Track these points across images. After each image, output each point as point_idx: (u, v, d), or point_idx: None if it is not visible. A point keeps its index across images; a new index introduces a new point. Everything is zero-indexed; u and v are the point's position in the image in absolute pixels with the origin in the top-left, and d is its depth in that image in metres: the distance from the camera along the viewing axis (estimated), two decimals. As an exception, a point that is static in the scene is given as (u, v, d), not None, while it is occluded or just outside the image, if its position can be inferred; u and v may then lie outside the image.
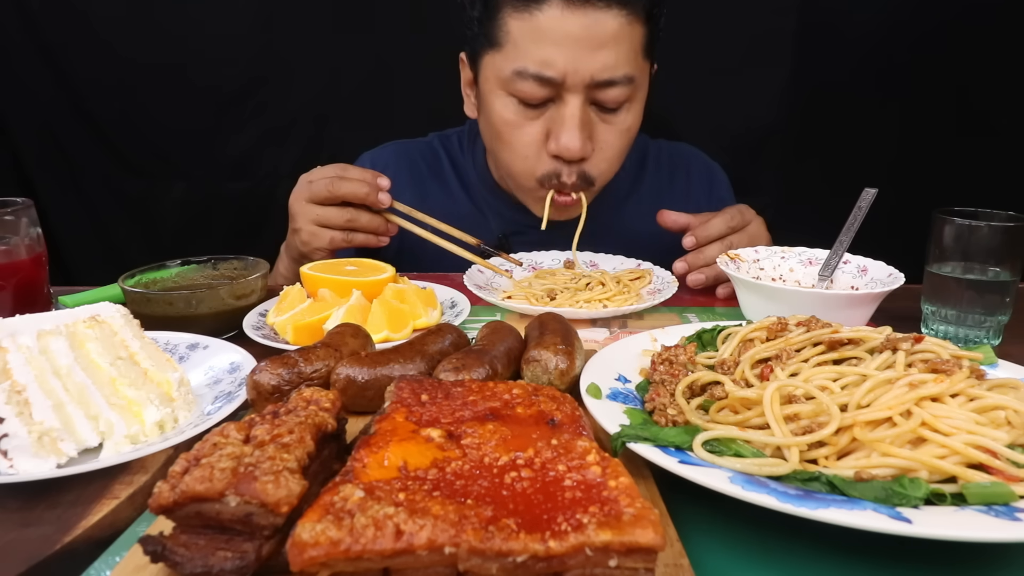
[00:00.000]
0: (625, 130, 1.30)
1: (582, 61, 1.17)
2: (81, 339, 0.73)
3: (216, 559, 0.48)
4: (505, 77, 1.23)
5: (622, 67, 1.20)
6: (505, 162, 1.35)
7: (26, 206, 1.03)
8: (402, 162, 1.53)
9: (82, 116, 2.01)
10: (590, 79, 1.19)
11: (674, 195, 1.55)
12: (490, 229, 1.49)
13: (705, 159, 1.65)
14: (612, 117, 1.27)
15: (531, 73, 1.19)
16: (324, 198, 1.21)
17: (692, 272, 1.25)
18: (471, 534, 0.44)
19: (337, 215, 1.22)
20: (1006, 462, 0.58)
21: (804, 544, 0.56)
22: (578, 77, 1.18)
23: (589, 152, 1.26)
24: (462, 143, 1.56)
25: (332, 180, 1.21)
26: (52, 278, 1.09)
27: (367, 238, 1.25)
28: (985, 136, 2.03)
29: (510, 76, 1.22)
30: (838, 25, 1.99)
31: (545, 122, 1.25)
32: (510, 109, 1.26)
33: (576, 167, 1.28)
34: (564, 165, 1.27)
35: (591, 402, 0.70)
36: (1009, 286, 1.01)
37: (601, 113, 1.26)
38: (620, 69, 1.20)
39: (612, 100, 1.23)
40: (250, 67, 2.00)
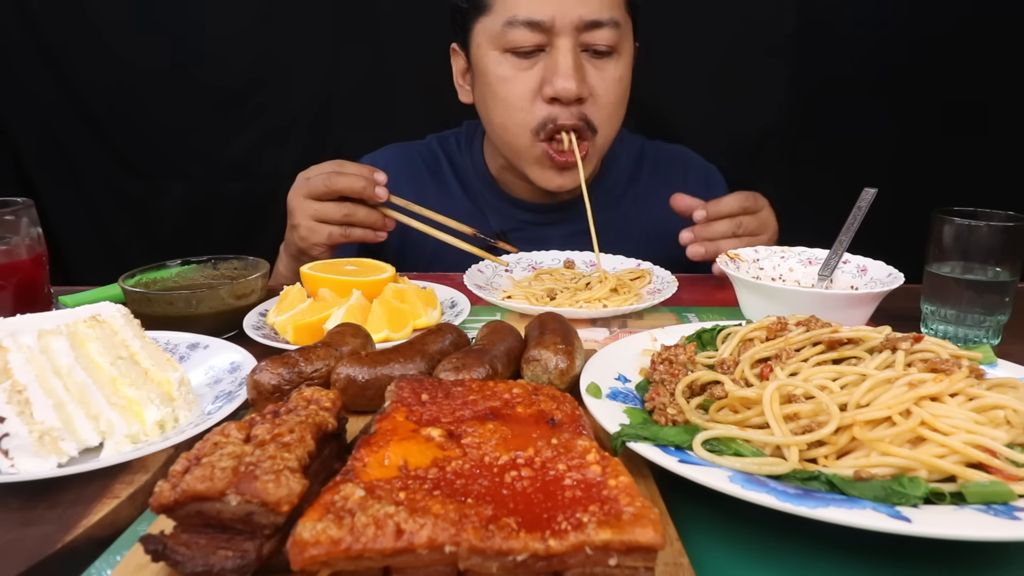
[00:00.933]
0: (617, 79, 1.31)
1: (569, 3, 1.23)
2: (82, 339, 0.73)
3: (217, 558, 0.48)
4: (496, 33, 1.27)
5: (607, 10, 1.26)
6: (499, 122, 1.34)
7: (26, 206, 1.03)
8: (401, 164, 1.54)
9: (82, 116, 2.01)
10: (579, 20, 1.23)
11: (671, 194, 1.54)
12: (489, 226, 1.49)
13: (701, 161, 1.65)
14: (603, 63, 1.29)
15: (521, 20, 1.24)
16: (321, 193, 1.23)
17: (694, 243, 1.24)
18: (471, 533, 0.44)
19: (335, 210, 1.23)
20: (1005, 461, 0.58)
21: (804, 543, 0.56)
22: (567, 19, 1.23)
23: (586, 93, 1.27)
24: (459, 143, 1.57)
25: (329, 175, 1.22)
26: (52, 278, 1.09)
27: (365, 233, 1.25)
28: (985, 136, 2.03)
29: (501, 30, 1.26)
30: (838, 25, 1.99)
31: (538, 72, 1.27)
32: (503, 65, 1.29)
33: (575, 108, 1.27)
34: (562, 108, 1.27)
35: (591, 401, 0.70)
36: (1008, 286, 1.01)
37: (593, 59, 1.29)
38: (606, 11, 1.25)
39: (602, 41, 1.26)
40: (250, 67, 2.00)
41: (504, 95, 1.30)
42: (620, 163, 1.57)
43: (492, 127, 1.38)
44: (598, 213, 1.46)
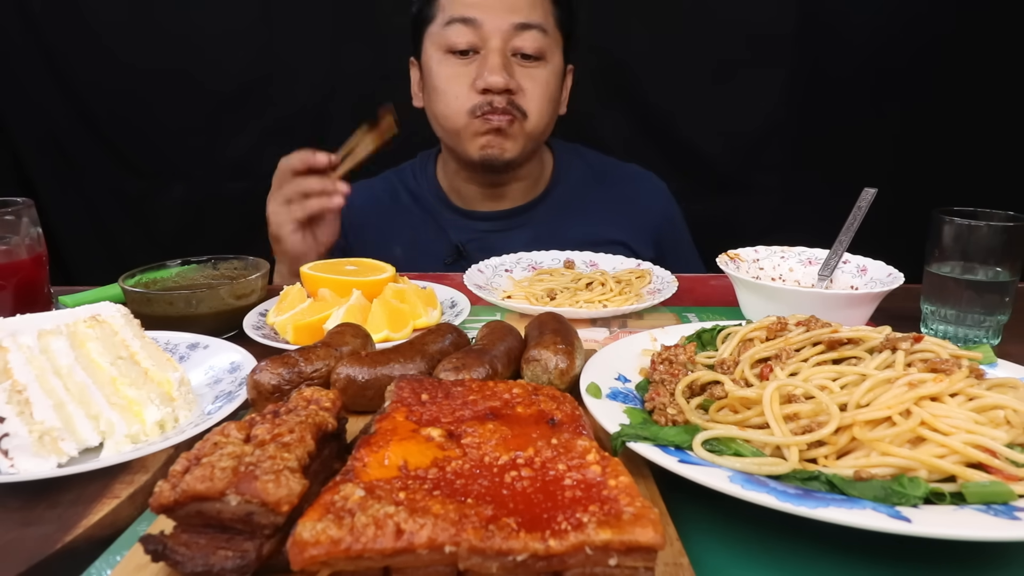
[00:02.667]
0: (544, 82, 1.46)
1: (499, 9, 1.40)
2: (82, 339, 0.73)
3: (217, 558, 0.48)
4: (437, 35, 1.44)
5: (536, 15, 1.42)
6: (441, 111, 1.48)
7: (26, 206, 1.03)
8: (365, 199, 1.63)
9: (83, 116, 2.01)
10: (508, 25, 1.40)
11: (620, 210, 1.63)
12: (448, 239, 1.59)
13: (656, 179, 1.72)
14: (531, 66, 1.44)
15: (456, 18, 1.40)
16: (280, 179, 1.34)
17: None
18: (471, 533, 0.44)
19: (290, 187, 1.32)
20: (1005, 461, 0.58)
21: (804, 543, 0.56)
22: (496, 21, 1.39)
23: (514, 87, 1.41)
24: (415, 172, 1.69)
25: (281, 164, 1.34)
26: (52, 278, 1.09)
27: (320, 200, 1.31)
28: (985, 136, 2.03)
29: (440, 32, 1.43)
30: (837, 25, 1.99)
31: (473, 70, 1.42)
32: (444, 64, 1.45)
33: (505, 96, 1.41)
34: (494, 96, 1.42)
35: (591, 401, 0.70)
36: (1008, 286, 1.01)
37: (522, 62, 1.43)
38: (535, 16, 1.42)
39: (529, 44, 1.42)
40: (250, 68, 2.00)
41: (445, 88, 1.45)
42: (572, 178, 1.66)
43: (435, 118, 1.52)
44: (547, 222, 1.60)
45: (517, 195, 1.61)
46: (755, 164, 2.11)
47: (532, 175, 1.61)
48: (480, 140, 1.45)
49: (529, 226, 1.59)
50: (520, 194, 1.61)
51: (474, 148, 1.47)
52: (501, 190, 1.59)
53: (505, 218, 1.60)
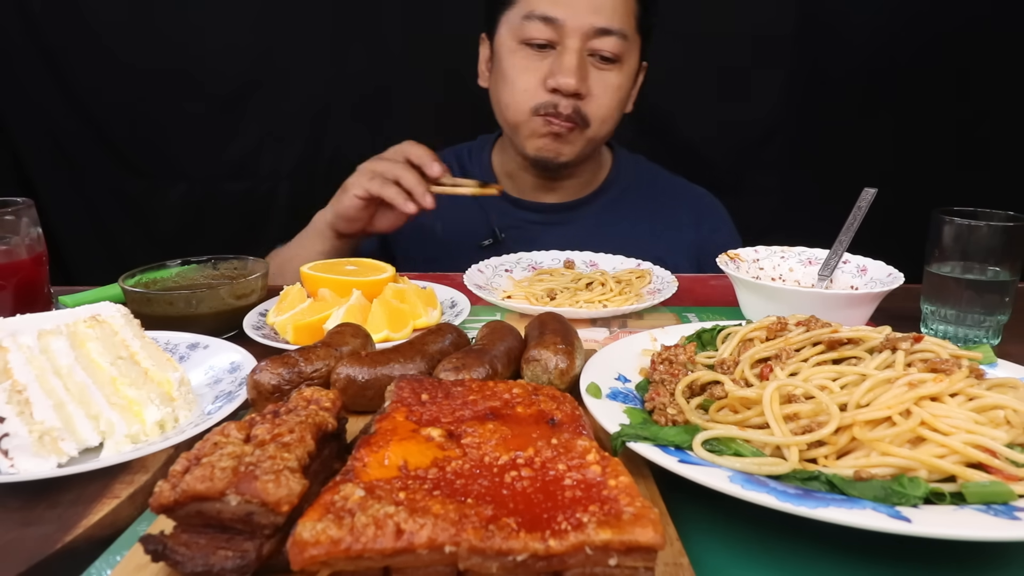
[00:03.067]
0: (616, 87, 1.43)
1: (583, 9, 1.36)
2: (82, 339, 0.73)
3: (217, 558, 0.48)
4: (516, 26, 1.41)
5: (618, 21, 1.38)
6: (505, 101, 1.47)
7: (26, 206, 1.03)
8: None
9: (83, 116, 2.01)
10: (589, 26, 1.36)
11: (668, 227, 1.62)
12: (487, 222, 1.58)
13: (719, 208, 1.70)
14: (606, 69, 1.41)
15: (538, 15, 1.37)
16: (391, 154, 1.32)
17: None
18: (471, 533, 0.44)
19: (391, 167, 1.29)
20: (1005, 461, 0.58)
21: (804, 543, 0.56)
22: (578, 22, 1.36)
23: (584, 91, 1.39)
24: (470, 153, 1.69)
25: (403, 145, 1.33)
26: (52, 278, 1.09)
27: (398, 193, 1.28)
28: (984, 136, 2.03)
29: (520, 23, 1.40)
30: (837, 25, 1.99)
31: (547, 65, 1.39)
32: (518, 55, 1.42)
33: (571, 101, 1.39)
34: (561, 98, 1.39)
35: (591, 401, 0.70)
36: (1008, 286, 1.01)
37: (597, 64, 1.40)
38: (616, 22, 1.38)
39: (608, 48, 1.38)
40: (250, 68, 2.00)
41: (514, 79, 1.43)
42: (623, 180, 1.65)
43: (499, 107, 1.50)
44: (593, 219, 1.60)
45: (568, 190, 1.61)
46: (755, 164, 2.11)
47: (587, 173, 1.61)
48: (538, 141, 1.45)
49: (570, 224, 1.59)
50: (571, 190, 1.61)
51: (531, 146, 1.47)
52: (555, 183, 1.59)
53: (550, 211, 1.60)
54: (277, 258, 1.46)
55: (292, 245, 1.45)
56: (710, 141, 2.09)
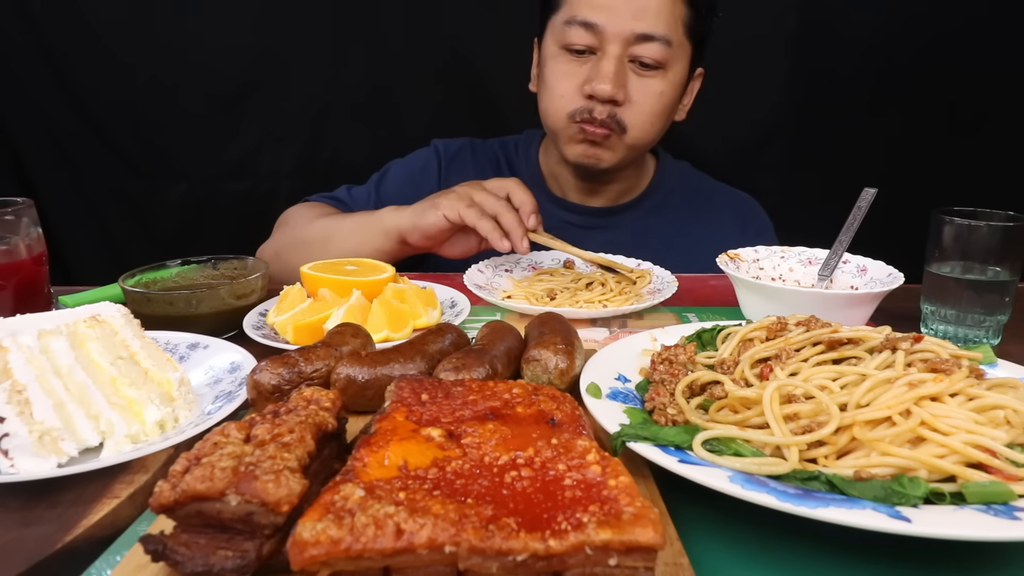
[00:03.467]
0: (658, 93, 1.39)
1: (624, 14, 1.33)
2: (82, 339, 0.73)
3: (217, 558, 0.48)
4: (559, 30, 1.39)
5: (661, 27, 1.34)
6: (544, 106, 1.46)
7: (26, 206, 1.03)
8: (471, 156, 1.65)
9: (83, 116, 2.01)
10: (630, 32, 1.33)
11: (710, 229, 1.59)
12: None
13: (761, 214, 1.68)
14: (647, 75, 1.38)
15: (579, 20, 1.35)
16: (494, 187, 1.27)
17: None
18: (471, 533, 0.44)
19: (490, 201, 1.23)
20: (1005, 461, 0.58)
21: (804, 543, 0.56)
22: (619, 28, 1.33)
23: (621, 98, 1.36)
24: (517, 148, 1.69)
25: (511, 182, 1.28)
26: (52, 278, 1.09)
27: (494, 230, 1.21)
28: (985, 136, 2.03)
29: (562, 28, 1.38)
30: (838, 25, 1.99)
31: (586, 71, 1.38)
32: (559, 59, 1.41)
33: (607, 107, 1.37)
34: (596, 104, 1.37)
35: (591, 401, 0.70)
36: (1008, 286, 1.01)
37: (639, 70, 1.37)
38: (659, 28, 1.34)
39: (649, 55, 1.35)
40: (250, 68, 2.00)
41: (553, 84, 1.42)
42: (666, 186, 1.64)
43: (541, 112, 1.50)
44: (635, 224, 1.58)
45: (611, 195, 1.60)
46: (754, 164, 2.11)
47: (630, 178, 1.60)
48: (577, 148, 1.44)
49: (612, 228, 1.58)
50: (614, 195, 1.60)
51: (570, 152, 1.45)
52: (597, 187, 1.58)
53: (593, 215, 1.59)
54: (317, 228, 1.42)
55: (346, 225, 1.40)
56: (709, 141, 2.09)
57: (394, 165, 1.64)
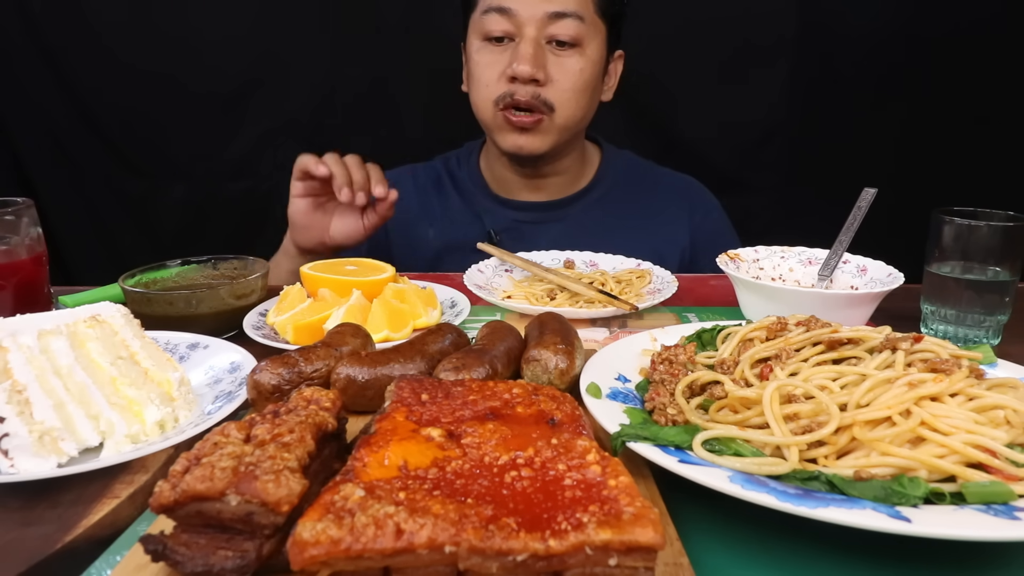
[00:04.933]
0: (577, 71, 1.43)
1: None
2: (82, 339, 0.73)
3: (217, 558, 0.48)
4: (477, 23, 1.45)
5: (571, 4, 1.39)
6: (473, 98, 1.51)
7: (26, 206, 1.03)
8: (411, 180, 1.67)
9: (83, 116, 2.01)
10: (542, 13, 1.38)
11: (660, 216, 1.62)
12: (483, 226, 1.60)
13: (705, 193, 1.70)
14: (565, 54, 1.42)
15: (493, 7, 1.40)
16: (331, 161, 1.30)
17: None
18: (471, 533, 0.44)
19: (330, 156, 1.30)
20: (1005, 461, 0.58)
21: (804, 543, 0.56)
22: (531, 10, 1.38)
23: (541, 77, 1.40)
24: (459, 159, 1.72)
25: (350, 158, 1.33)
26: (52, 278, 1.09)
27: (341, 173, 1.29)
28: (985, 136, 2.03)
29: (480, 19, 1.44)
30: (838, 25, 1.99)
31: (506, 58, 1.42)
32: (482, 52, 1.46)
33: (530, 88, 1.41)
34: (520, 86, 1.41)
35: (591, 401, 0.70)
36: (1008, 286, 1.01)
37: (556, 50, 1.41)
38: (570, 5, 1.39)
39: (564, 33, 1.40)
40: (250, 68, 2.00)
41: (478, 76, 1.47)
42: (615, 175, 1.66)
43: (472, 105, 1.53)
44: (584, 216, 1.60)
45: (556, 188, 1.61)
46: (755, 164, 2.11)
47: (572, 170, 1.61)
48: (508, 137, 1.46)
49: (563, 221, 1.59)
50: (559, 187, 1.61)
51: (504, 142, 1.48)
52: (540, 181, 1.59)
53: (540, 210, 1.61)
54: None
55: (273, 260, 1.45)
56: (709, 141, 2.09)
57: None
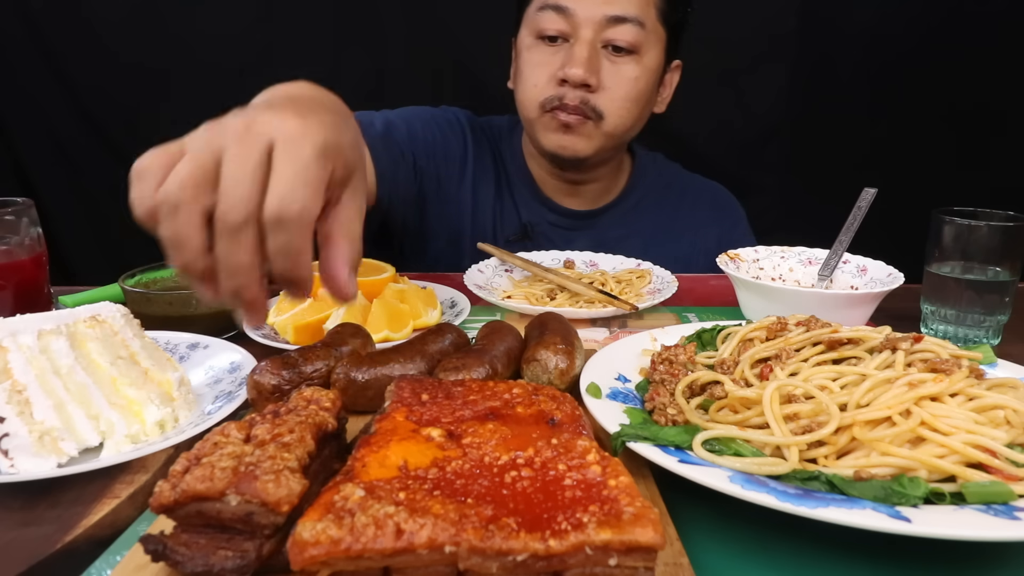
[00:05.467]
0: (632, 79, 1.36)
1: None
2: (82, 339, 0.73)
3: (217, 558, 0.48)
4: (532, 19, 1.38)
5: (632, 8, 1.33)
6: (520, 97, 1.44)
7: (26, 206, 1.03)
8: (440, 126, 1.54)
9: (83, 116, 2.01)
10: (601, 16, 1.31)
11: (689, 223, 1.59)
12: (519, 217, 1.54)
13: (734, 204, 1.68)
14: (621, 60, 1.35)
15: (550, 4, 1.33)
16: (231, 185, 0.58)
17: None
18: (471, 533, 0.44)
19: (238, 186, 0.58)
20: (1005, 461, 0.58)
21: (803, 543, 0.56)
22: (590, 11, 1.32)
23: (594, 83, 1.33)
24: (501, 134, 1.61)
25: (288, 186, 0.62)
26: (52, 278, 1.09)
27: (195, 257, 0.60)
28: (985, 136, 2.03)
29: (535, 16, 1.37)
30: (838, 25, 1.99)
31: (560, 58, 1.35)
32: (534, 49, 1.39)
33: (579, 93, 1.34)
34: (569, 90, 1.34)
35: (591, 401, 0.70)
36: (1008, 286, 1.01)
37: (612, 55, 1.35)
38: (631, 9, 1.32)
39: (622, 38, 1.33)
40: (251, 68, 2.00)
41: (527, 74, 1.40)
42: (646, 184, 1.61)
43: (517, 103, 1.46)
44: (616, 225, 1.55)
45: (591, 196, 1.56)
46: (755, 164, 2.11)
47: (608, 178, 1.56)
48: (552, 136, 1.40)
49: (592, 229, 1.55)
50: (594, 196, 1.56)
51: (547, 141, 1.41)
52: (576, 187, 1.54)
53: (573, 217, 1.55)
54: None
55: None
56: (709, 141, 2.09)
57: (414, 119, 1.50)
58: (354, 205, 0.64)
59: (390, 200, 1.40)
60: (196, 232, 0.55)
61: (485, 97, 2.04)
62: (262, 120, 0.56)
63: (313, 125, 0.57)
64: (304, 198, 0.54)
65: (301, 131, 0.56)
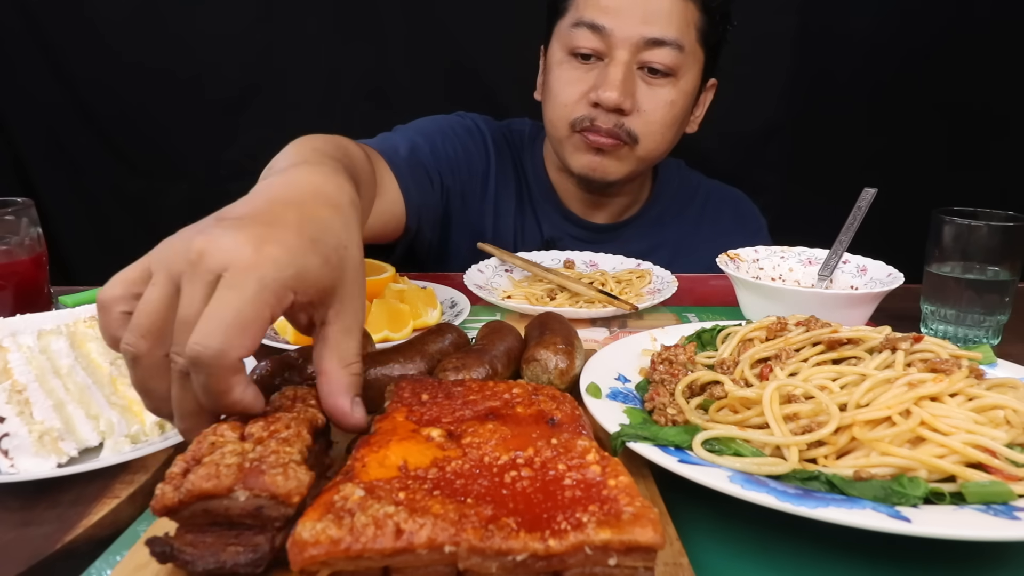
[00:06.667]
0: (668, 103, 1.32)
1: (633, 18, 1.26)
2: (81, 338, 0.73)
3: (228, 554, 0.48)
4: (565, 34, 1.33)
5: (672, 31, 1.27)
6: (548, 115, 1.39)
7: (26, 206, 1.03)
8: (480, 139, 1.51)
9: (83, 116, 2.01)
10: (639, 37, 1.26)
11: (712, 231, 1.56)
12: (539, 231, 1.51)
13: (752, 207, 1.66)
14: (657, 83, 1.31)
15: (586, 22, 1.28)
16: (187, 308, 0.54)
17: None
18: (471, 533, 0.44)
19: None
20: (1005, 461, 0.58)
21: (803, 543, 0.56)
22: (627, 31, 1.26)
23: (628, 107, 1.29)
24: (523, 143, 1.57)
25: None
26: (52, 278, 1.09)
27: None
28: (985, 136, 2.03)
29: (568, 32, 1.31)
30: (838, 26, 1.99)
31: (592, 78, 1.31)
32: (565, 66, 1.34)
33: (613, 116, 1.30)
34: (602, 112, 1.30)
35: (591, 401, 0.70)
36: (1008, 286, 1.01)
37: (648, 77, 1.30)
38: (671, 32, 1.27)
39: (660, 61, 1.28)
40: (251, 67, 2.00)
41: (558, 92, 1.35)
42: (667, 195, 1.59)
43: (545, 120, 1.42)
44: (640, 237, 1.51)
45: (615, 210, 1.53)
46: (754, 163, 2.11)
47: (633, 192, 1.52)
48: (582, 158, 1.35)
49: (616, 242, 1.50)
50: (618, 210, 1.53)
51: (576, 163, 1.37)
52: (602, 200, 1.50)
53: (598, 231, 1.53)
54: None
55: None
56: (709, 141, 2.08)
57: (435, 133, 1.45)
58: (342, 323, 0.61)
59: (419, 225, 1.36)
60: (158, 381, 0.54)
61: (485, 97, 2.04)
62: (217, 248, 0.52)
63: (267, 256, 0.52)
64: (221, 342, 0.49)
65: (250, 264, 0.52)
